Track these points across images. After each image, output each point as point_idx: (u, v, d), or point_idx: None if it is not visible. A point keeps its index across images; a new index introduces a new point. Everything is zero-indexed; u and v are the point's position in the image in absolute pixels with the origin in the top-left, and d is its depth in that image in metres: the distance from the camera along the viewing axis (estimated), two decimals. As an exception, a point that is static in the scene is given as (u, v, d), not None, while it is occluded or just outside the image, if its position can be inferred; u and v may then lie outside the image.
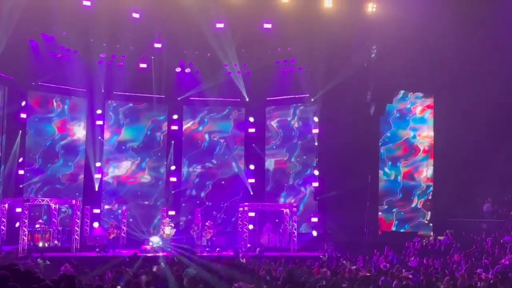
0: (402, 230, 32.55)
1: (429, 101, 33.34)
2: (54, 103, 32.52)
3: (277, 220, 32.67)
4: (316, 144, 33.17)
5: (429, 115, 33.21)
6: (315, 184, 32.54)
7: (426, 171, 33.02)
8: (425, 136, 33.17)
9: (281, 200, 34.31)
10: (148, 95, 33.74)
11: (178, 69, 33.49)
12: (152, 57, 32.73)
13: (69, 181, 32.62)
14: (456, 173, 30.84)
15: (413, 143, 33.19)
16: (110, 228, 29.66)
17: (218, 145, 35.22)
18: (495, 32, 29.18)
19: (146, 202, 34.11)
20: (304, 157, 34.16)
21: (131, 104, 34.25)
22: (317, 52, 30.63)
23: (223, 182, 34.60)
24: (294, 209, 31.63)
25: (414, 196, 32.88)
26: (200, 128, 35.23)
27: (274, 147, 34.90)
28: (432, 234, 31.05)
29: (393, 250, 26.54)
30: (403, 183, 32.93)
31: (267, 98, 34.68)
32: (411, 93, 33.25)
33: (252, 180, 34.35)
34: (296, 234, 30.81)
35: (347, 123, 30.39)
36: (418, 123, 33.23)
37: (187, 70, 33.51)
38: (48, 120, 32.29)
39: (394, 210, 32.75)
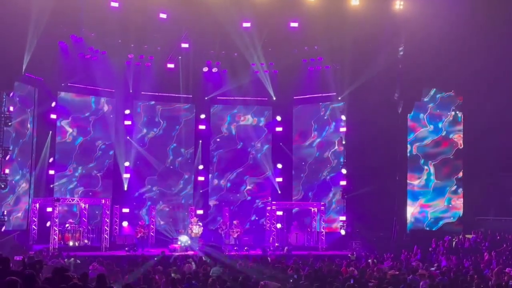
0: (434, 229, 32.15)
1: (458, 99, 32.95)
2: (85, 103, 32.86)
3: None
4: (343, 142, 33.03)
5: (458, 113, 32.83)
6: (343, 182, 32.40)
7: (457, 170, 32.63)
8: (456, 134, 32.77)
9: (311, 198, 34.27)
10: (176, 95, 33.94)
11: (205, 69, 33.62)
12: (180, 57, 32.94)
13: (100, 181, 32.96)
14: (487, 171, 30.50)
15: (444, 141, 32.80)
16: (137, 227, 29.96)
17: (245, 144, 35.24)
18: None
19: (176, 202, 34.32)
20: (333, 155, 34.02)
21: (160, 105, 34.42)
22: (344, 50, 30.56)
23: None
24: (322, 207, 31.54)
25: (446, 195, 32.52)
26: (232, 128, 35.32)
27: (304, 146, 34.85)
28: (461, 233, 30.69)
29: (422, 248, 26.33)
30: (435, 181, 32.57)
31: (294, 97, 34.65)
32: (443, 91, 32.87)
33: (279, 179, 34.34)
34: (324, 233, 30.73)
35: (375, 121, 30.14)
36: (449, 121, 32.83)
37: (214, 70, 33.65)
38: (77, 120, 32.61)
39: (426, 210, 32.39)
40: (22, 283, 8.53)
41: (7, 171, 27.48)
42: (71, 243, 28.54)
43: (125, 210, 32.21)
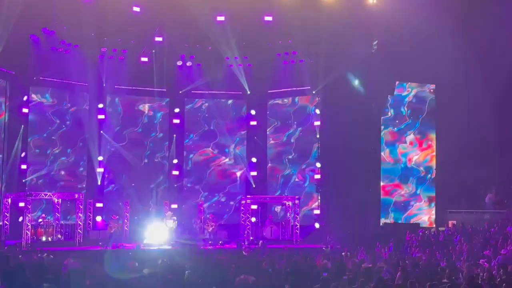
0: (409, 222, 32.39)
1: (431, 92, 33.28)
2: (58, 98, 32.49)
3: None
4: (318, 136, 33.13)
5: (432, 106, 33.14)
6: (317, 176, 32.54)
7: (431, 163, 32.98)
8: (430, 127, 33.10)
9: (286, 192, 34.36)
10: (150, 89, 33.71)
11: (179, 63, 33.46)
12: (153, 51, 32.75)
13: (73, 175, 32.67)
14: (459, 163, 30.83)
15: (419, 135, 33.10)
16: (111, 222, 29.80)
17: (219, 137, 35.16)
18: (494, 27, 29.24)
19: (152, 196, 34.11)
20: (309, 149, 34.10)
21: (134, 98, 34.15)
22: (318, 44, 30.62)
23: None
24: (297, 201, 31.60)
25: (421, 189, 32.86)
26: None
27: (280, 140, 34.87)
28: (434, 226, 31.02)
29: (395, 241, 26.53)
30: (410, 175, 32.90)
31: (269, 91, 34.66)
32: (417, 85, 33.14)
33: (254, 173, 34.35)
34: (298, 226, 30.81)
35: (349, 115, 30.23)
36: (424, 115, 33.09)
37: (188, 64, 33.51)
38: (51, 114, 32.25)
39: (400, 202, 32.72)
40: None
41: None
42: (44, 238, 28.26)
43: (99, 204, 31.97)
